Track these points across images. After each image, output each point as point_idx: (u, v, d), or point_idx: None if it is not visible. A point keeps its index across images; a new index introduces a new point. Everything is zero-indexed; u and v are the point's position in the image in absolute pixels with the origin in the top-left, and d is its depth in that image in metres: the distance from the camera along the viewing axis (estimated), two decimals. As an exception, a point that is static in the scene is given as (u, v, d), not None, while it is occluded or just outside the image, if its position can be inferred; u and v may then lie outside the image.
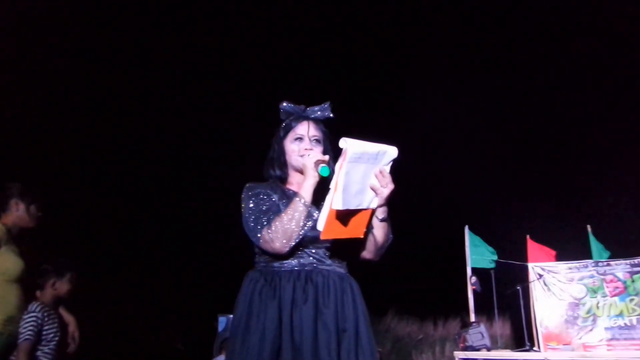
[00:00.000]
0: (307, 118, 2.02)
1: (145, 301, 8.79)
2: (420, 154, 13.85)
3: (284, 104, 2.04)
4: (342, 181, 1.65)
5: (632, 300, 7.09)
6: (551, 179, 13.87)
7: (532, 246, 8.12)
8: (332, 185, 1.68)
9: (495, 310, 7.78)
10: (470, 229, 8.17)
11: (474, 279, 7.58)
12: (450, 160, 14.61)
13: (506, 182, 14.04)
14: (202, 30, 10.69)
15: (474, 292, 7.62)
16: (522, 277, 7.65)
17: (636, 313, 7.00)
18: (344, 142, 1.64)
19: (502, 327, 9.93)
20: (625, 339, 6.91)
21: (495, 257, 8.06)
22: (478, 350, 6.43)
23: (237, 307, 1.88)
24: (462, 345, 6.55)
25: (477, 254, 8.02)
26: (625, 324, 7.00)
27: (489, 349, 6.49)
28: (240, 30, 11.33)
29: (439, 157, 14.54)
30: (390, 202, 1.88)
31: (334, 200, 1.66)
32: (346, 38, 12.21)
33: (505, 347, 8.45)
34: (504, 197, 13.63)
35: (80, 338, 3.56)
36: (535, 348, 6.89)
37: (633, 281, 7.18)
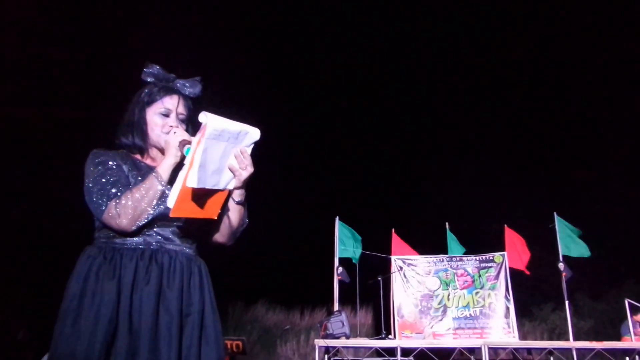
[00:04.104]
0: (178, 92, 1.88)
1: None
2: (295, 145, 14.05)
3: (153, 67, 1.86)
4: (199, 158, 1.53)
5: (477, 293, 7.79)
6: (416, 177, 14.84)
7: (396, 240, 8.57)
8: (187, 162, 1.56)
9: (358, 300, 8.09)
10: (340, 220, 8.40)
11: (340, 269, 7.80)
12: (324, 153, 15.00)
13: (377, 177, 14.77)
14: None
15: (341, 282, 7.86)
16: (385, 268, 8.06)
17: (480, 305, 7.71)
18: (204, 117, 1.52)
19: (364, 316, 10.40)
20: (469, 328, 7.59)
21: (359, 250, 8.37)
22: (338, 338, 6.60)
23: (70, 286, 1.66)
24: (322, 333, 6.69)
25: (346, 245, 8.28)
26: (470, 314, 7.67)
27: (347, 337, 6.70)
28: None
29: (314, 149, 14.87)
30: (251, 186, 1.80)
31: (189, 178, 1.53)
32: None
33: (366, 336, 8.85)
34: (373, 191, 14.32)
35: None
36: (390, 336, 7.27)
37: (480, 276, 7.90)
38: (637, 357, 7.07)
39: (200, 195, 1.64)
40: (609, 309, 10.21)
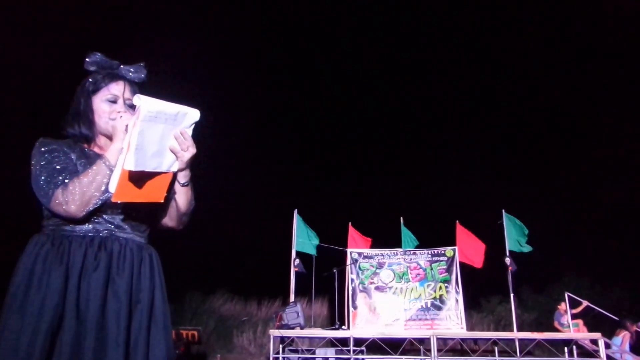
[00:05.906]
0: (123, 78, 1.92)
1: None
2: (254, 138, 14.02)
3: (95, 55, 1.87)
4: (135, 140, 1.54)
5: (429, 285, 8.06)
6: (373, 172, 15.07)
7: (352, 233, 8.75)
8: (124, 145, 1.57)
9: (313, 291, 8.24)
10: (299, 213, 8.52)
11: (297, 261, 7.93)
12: (283, 146, 15.03)
13: (334, 171, 14.92)
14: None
15: (298, 273, 7.99)
16: (341, 261, 8.24)
17: (431, 297, 7.98)
18: (138, 99, 1.53)
19: (320, 307, 10.55)
20: (420, 319, 7.85)
21: (317, 242, 8.52)
22: (292, 328, 6.72)
23: (16, 273, 1.64)
24: (277, 323, 6.81)
25: (303, 237, 8.41)
26: (421, 306, 7.93)
27: (302, 327, 6.82)
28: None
29: (273, 142, 14.87)
30: (193, 170, 1.82)
31: (126, 161, 1.54)
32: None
33: (321, 326, 9.01)
34: (331, 185, 14.47)
35: None
36: (344, 327, 7.46)
37: (432, 269, 8.17)
38: (574, 347, 7.51)
39: (143, 179, 1.64)
40: (551, 302, 10.71)
